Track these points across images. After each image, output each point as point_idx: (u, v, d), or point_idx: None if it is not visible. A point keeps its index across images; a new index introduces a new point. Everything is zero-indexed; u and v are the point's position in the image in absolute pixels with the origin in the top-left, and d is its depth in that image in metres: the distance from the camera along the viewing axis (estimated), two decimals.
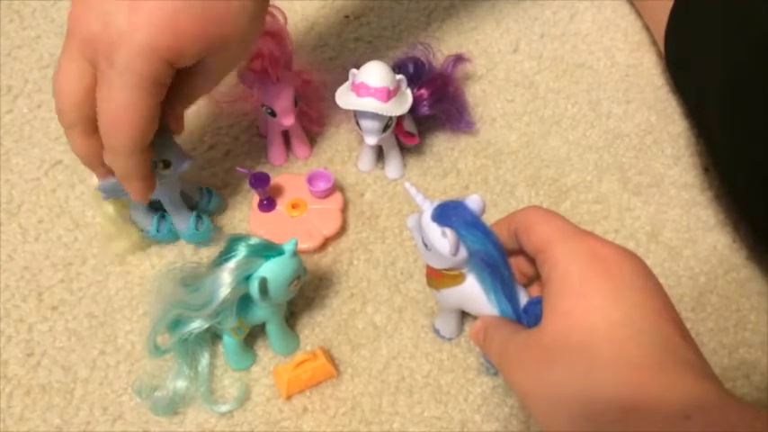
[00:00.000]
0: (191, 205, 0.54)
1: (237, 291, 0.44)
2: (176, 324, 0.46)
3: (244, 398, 0.48)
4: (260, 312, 0.47)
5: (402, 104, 0.53)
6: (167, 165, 0.48)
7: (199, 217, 0.53)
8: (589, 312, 0.34)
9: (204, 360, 0.48)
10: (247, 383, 0.49)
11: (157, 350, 0.47)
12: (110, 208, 0.51)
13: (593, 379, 0.33)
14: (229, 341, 0.48)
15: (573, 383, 0.33)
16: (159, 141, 0.46)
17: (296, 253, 0.45)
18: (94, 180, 0.49)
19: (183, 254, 0.54)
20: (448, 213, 0.41)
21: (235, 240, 0.44)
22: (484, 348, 0.41)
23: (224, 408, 0.47)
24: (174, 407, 0.47)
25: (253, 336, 0.50)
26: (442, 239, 0.41)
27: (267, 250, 0.44)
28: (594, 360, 0.33)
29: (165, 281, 0.45)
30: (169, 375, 0.47)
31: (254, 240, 0.44)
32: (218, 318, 0.45)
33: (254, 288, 0.44)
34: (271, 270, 0.44)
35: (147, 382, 0.48)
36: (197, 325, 0.45)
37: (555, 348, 0.35)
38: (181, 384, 0.47)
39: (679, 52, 0.60)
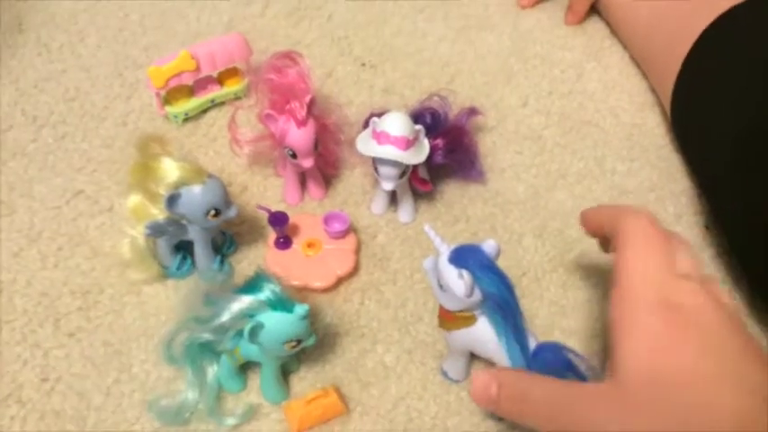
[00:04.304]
0: (214, 247, 0.55)
1: (237, 322, 0.45)
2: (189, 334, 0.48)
3: None
4: (254, 352, 0.47)
5: (420, 153, 0.55)
6: (217, 213, 0.50)
7: (222, 261, 0.56)
8: (678, 362, 0.35)
9: (212, 374, 0.49)
10: (258, 419, 0.49)
11: (171, 357, 0.48)
12: (141, 238, 0.52)
13: (690, 425, 0.33)
14: (225, 361, 0.49)
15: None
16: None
17: (305, 318, 0.45)
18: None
19: (198, 288, 0.55)
20: (465, 256, 0.43)
21: (263, 279, 0.45)
22: (496, 404, 0.40)
23: None
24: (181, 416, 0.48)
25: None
26: (459, 281, 0.43)
27: (281, 302, 0.45)
28: (689, 406, 0.33)
29: (195, 290, 0.47)
30: (180, 391, 0.49)
31: (278, 288, 0.45)
32: (220, 337, 0.46)
33: (247, 327, 0.44)
34: (271, 320, 0.45)
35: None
36: (202, 335, 0.47)
37: (644, 397, 0.34)
38: (191, 395, 0.49)
39: (686, 115, 0.63)
